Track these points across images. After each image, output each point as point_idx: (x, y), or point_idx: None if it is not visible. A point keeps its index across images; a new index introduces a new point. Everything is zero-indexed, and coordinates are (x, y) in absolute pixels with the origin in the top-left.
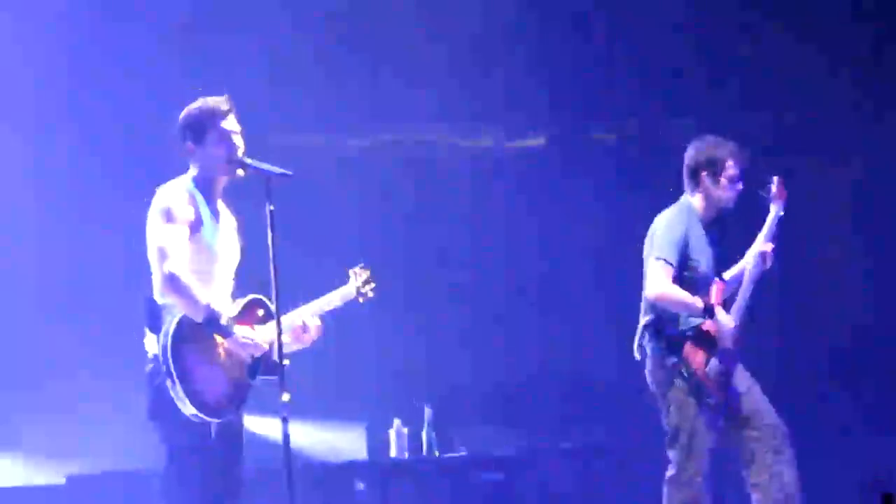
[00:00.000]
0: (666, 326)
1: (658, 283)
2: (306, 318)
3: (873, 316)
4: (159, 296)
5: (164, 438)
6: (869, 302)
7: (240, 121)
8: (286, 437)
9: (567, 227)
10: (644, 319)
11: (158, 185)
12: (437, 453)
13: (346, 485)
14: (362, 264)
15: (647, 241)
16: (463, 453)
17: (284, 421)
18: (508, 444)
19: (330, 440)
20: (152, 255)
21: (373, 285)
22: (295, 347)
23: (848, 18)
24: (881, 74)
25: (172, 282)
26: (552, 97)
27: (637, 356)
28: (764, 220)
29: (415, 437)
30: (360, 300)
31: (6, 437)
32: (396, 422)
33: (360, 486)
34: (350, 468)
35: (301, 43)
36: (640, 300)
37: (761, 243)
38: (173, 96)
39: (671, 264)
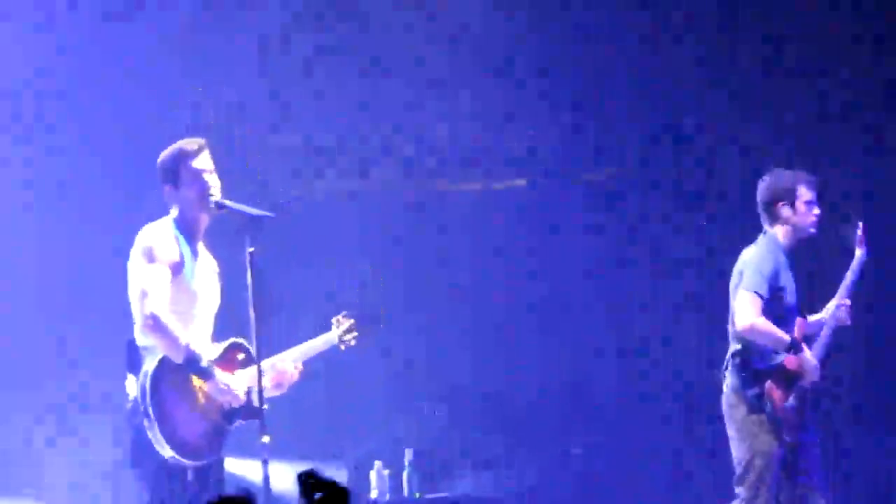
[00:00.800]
0: (752, 359)
1: (748, 315)
2: (287, 364)
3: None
4: (140, 336)
5: (144, 480)
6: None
7: (214, 159)
8: (266, 479)
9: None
10: (731, 349)
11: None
12: (417, 495)
13: None
14: (345, 312)
15: (734, 273)
16: (444, 494)
17: (265, 463)
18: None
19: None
20: (134, 295)
21: (355, 334)
22: (274, 393)
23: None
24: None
25: (154, 322)
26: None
27: (724, 386)
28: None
29: (395, 479)
30: (342, 347)
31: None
32: (377, 463)
33: None
34: None
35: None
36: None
37: (842, 292)
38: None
39: (762, 297)
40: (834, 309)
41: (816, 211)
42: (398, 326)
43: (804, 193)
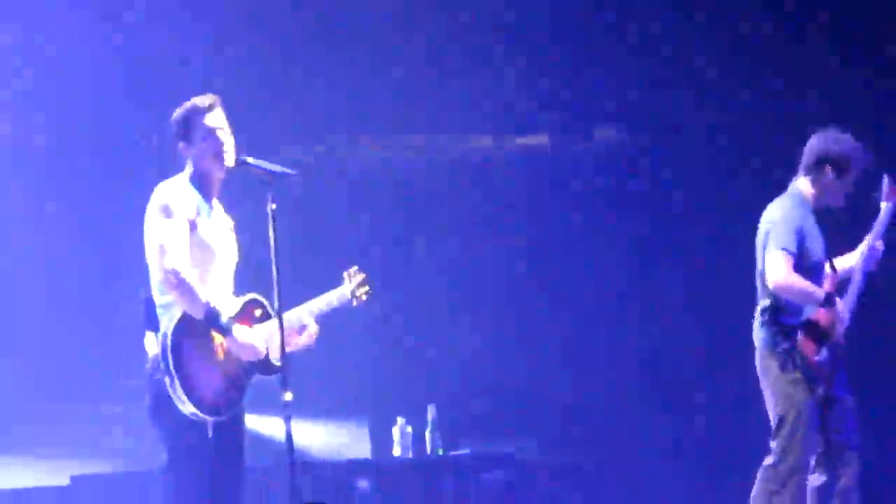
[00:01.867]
0: (782, 314)
1: (781, 272)
2: (303, 319)
3: (875, 312)
4: (158, 294)
5: (164, 437)
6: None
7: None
8: (289, 435)
9: (568, 230)
10: (759, 305)
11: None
12: (440, 452)
13: (349, 483)
14: (357, 267)
15: (760, 231)
16: (466, 451)
17: (287, 420)
18: (510, 444)
19: (333, 439)
20: (152, 253)
21: (367, 288)
22: (290, 348)
23: (849, 15)
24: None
25: (175, 278)
26: (549, 98)
27: (755, 342)
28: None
29: (418, 436)
30: (354, 303)
31: (10, 438)
32: (400, 420)
33: (363, 484)
34: (353, 467)
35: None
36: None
37: (871, 241)
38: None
39: (792, 254)
40: (867, 251)
41: (851, 189)
42: (421, 281)
43: (854, 170)
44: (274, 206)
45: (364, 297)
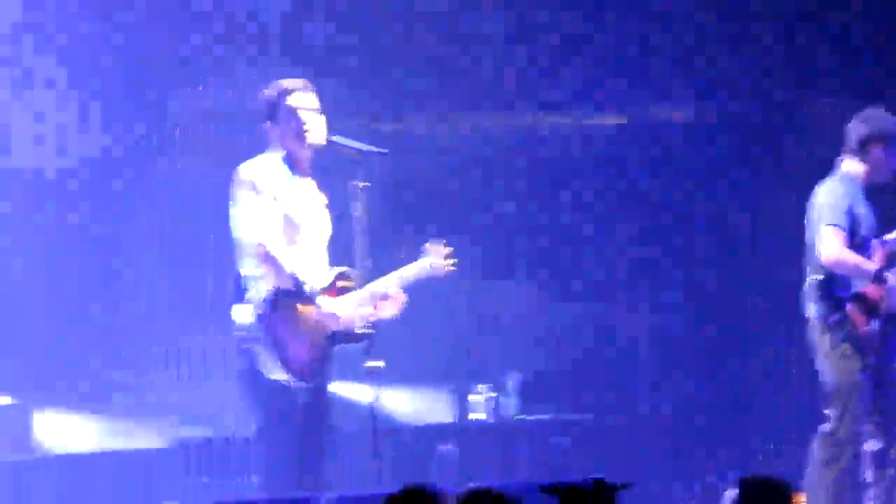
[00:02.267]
0: (833, 286)
1: (833, 248)
2: (389, 289)
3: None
4: (248, 267)
5: (254, 404)
6: None
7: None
8: (373, 400)
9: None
10: (811, 279)
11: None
12: (519, 417)
13: (430, 447)
14: (443, 240)
15: (810, 210)
16: (544, 417)
17: (373, 385)
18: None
19: (416, 404)
20: (241, 227)
21: (449, 260)
22: (377, 317)
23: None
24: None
25: (263, 251)
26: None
27: (807, 315)
28: None
29: (499, 402)
30: (434, 273)
31: (115, 400)
32: (481, 387)
33: (445, 447)
34: (434, 431)
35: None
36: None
37: None
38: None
39: (844, 229)
40: None
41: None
42: (503, 251)
43: None
44: (363, 184)
45: (447, 268)
